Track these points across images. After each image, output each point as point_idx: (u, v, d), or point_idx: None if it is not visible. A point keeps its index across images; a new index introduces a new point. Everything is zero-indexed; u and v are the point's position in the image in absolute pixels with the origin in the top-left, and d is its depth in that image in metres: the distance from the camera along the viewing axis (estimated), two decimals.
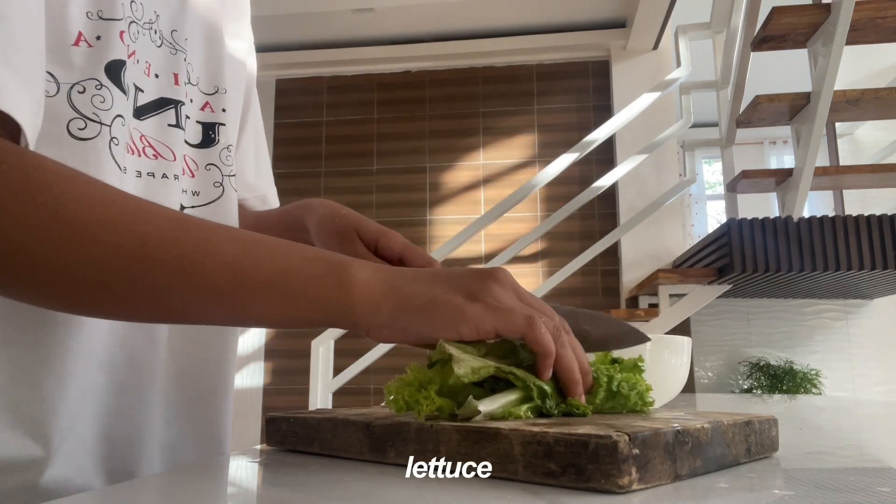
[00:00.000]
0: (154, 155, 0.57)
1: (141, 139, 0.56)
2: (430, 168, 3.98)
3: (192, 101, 0.62)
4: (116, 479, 0.51)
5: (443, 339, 0.41)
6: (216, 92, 0.65)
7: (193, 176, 0.62)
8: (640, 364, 0.46)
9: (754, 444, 0.38)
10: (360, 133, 4.07)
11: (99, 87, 0.50)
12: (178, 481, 0.37)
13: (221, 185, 0.64)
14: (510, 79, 4.03)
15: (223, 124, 0.65)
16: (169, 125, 0.58)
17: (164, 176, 0.57)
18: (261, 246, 0.43)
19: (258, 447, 0.50)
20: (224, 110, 0.65)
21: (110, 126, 0.50)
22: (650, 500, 0.28)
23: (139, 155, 0.56)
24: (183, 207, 0.60)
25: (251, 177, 0.76)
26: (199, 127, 0.63)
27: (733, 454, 0.36)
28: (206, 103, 0.64)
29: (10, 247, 0.37)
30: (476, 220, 3.09)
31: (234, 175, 0.66)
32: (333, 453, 0.42)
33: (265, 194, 0.78)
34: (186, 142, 0.61)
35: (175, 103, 0.59)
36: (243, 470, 0.41)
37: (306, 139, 4.06)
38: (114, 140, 0.50)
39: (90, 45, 0.50)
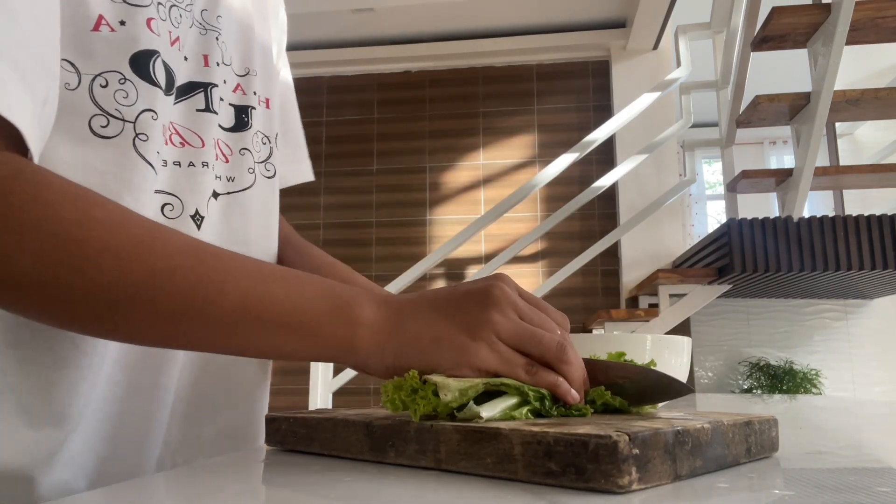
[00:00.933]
0: (181, 143, 0.55)
1: (170, 125, 0.54)
2: (430, 168, 3.98)
3: (225, 82, 0.59)
4: (119, 479, 0.51)
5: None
6: (247, 74, 0.62)
7: (227, 161, 0.60)
8: (652, 366, 0.46)
9: (754, 444, 0.38)
10: (360, 133, 4.07)
11: (122, 80, 0.48)
12: (177, 481, 0.37)
13: (254, 171, 0.62)
14: (510, 79, 4.03)
15: (254, 108, 0.62)
16: (198, 110, 0.56)
17: (192, 164, 0.55)
18: (273, 281, 0.42)
19: (258, 447, 0.50)
20: (255, 93, 0.63)
21: (134, 123, 0.48)
22: (650, 500, 0.28)
23: (168, 143, 0.53)
24: (217, 195, 0.58)
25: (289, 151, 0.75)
26: (232, 110, 0.61)
27: (733, 454, 0.36)
28: (238, 85, 0.61)
29: (11, 268, 0.37)
30: (476, 220, 3.09)
31: (264, 161, 0.63)
32: (333, 453, 0.42)
33: (293, 173, 0.77)
34: (220, 126, 0.59)
35: (205, 86, 0.57)
36: (243, 470, 0.41)
37: (306, 139, 4.06)
38: (140, 136, 0.48)
39: (112, 30, 0.47)
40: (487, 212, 3.09)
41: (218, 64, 0.58)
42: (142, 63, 0.49)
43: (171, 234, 0.42)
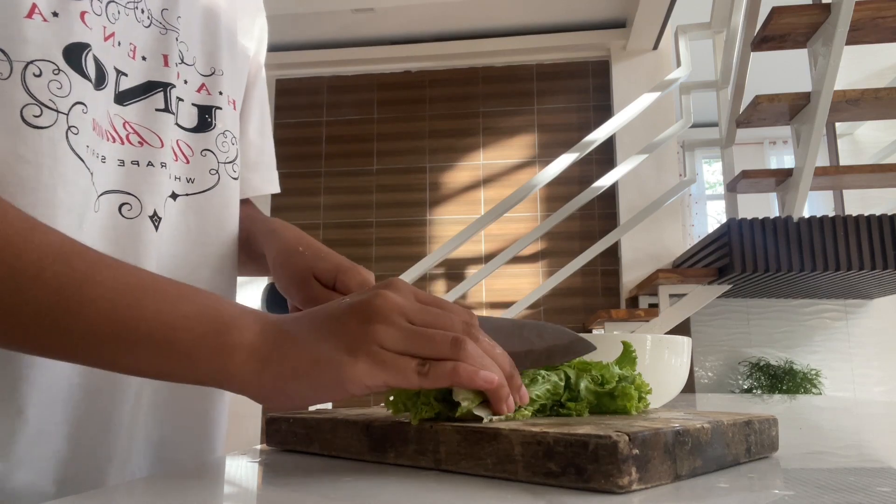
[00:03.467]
0: (139, 142, 0.54)
1: (125, 126, 0.53)
2: (430, 168, 3.98)
3: (186, 82, 0.59)
4: (78, 482, 0.50)
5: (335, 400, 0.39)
6: (213, 73, 0.61)
7: (188, 162, 0.59)
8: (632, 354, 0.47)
9: (754, 443, 0.38)
10: (360, 133, 4.07)
11: (56, 71, 0.47)
12: (177, 482, 0.37)
13: (217, 172, 0.61)
14: (510, 79, 4.03)
15: (220, 108, 0.61)
16: (157, 110, 0.55)
17: (150, 164, 0.54)
18: (148, 294, 0.39)
19: (258, 447, 0.50)
20: (221, 93, 0.62)
21: (67, 114, 0.47)
22: (650, 500, 0.28)
23: (122, 143, 0.53)
24: (176, 196, 0.57)
25: (253, 156, 0.72)
26: (195, 110, 0.60)
27: (733, 454, 0.36)
28: (203, 85, 0.61)
29: None
30: (476, 220, 3.09)
31: (231, 161, 0.62)
32: (333, 453, 0.42)
33: (261, 181, 0.74)
34: (179, 125, 0.58)
35: (164, 86, 0.56)
36: (243, 470, 0.41)
37: (306, 139, 4.06)
38: (72, 129, 0.47)
39: (45, 20, 0.46)
40: (487, 212, 3.09)
41: (179, 63, 0.57)
42: (74, 55, 0.48)
43: (45, 237, 0.39)
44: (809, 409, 0.81)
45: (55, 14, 0.47)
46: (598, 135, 3.23)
